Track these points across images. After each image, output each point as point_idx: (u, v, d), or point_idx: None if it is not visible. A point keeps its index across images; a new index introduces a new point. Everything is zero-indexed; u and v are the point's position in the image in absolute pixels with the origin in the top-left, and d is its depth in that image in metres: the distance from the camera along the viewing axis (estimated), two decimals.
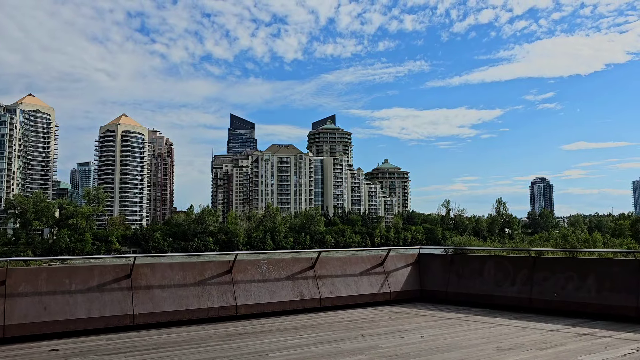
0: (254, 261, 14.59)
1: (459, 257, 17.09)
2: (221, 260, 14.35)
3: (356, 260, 15.95)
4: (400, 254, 17.39)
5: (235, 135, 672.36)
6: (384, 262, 16.38)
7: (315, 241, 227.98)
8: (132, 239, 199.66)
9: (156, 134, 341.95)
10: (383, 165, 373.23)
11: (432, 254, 18.41)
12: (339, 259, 15.74)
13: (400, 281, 16.50)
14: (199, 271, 13.78)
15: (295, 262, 15.07)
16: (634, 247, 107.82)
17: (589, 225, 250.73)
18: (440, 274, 16.71)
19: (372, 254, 16.86)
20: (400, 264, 16.75)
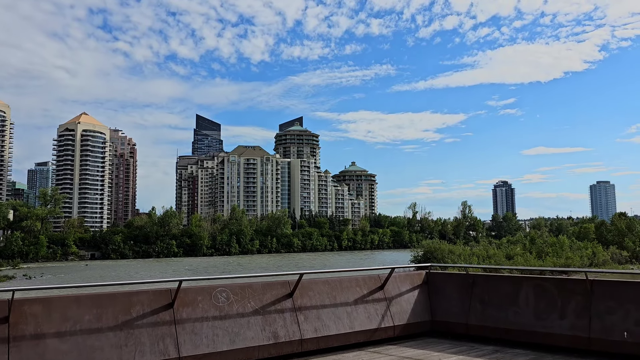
0: (207, 288, 10.24)
1: (483, 277, 13.07)
2: (158, 288, 9.89)
3: (349, 284, 12.13)
4: (403, 274, 13.56)
5: (201, 136, 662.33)
6: (384, 285, 12.55)
7: (281, 244, 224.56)
8: (91, 243, 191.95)
9: (118, 133, 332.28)
10: (350, 168, 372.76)
11: (445, 273, 14.40)
12: (326, 283, 11.81)
13: (406, 310, 12.75)
14: (124, 307, 9.26)
15: (266, 289, 10.94)
16: (598, 250, 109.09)
17: (550, 228, 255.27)
18: (457, 300, 12.91)
19: (368, 274, 12.92)
20: (405, 286, 12.98)
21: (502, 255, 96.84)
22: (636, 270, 32.72)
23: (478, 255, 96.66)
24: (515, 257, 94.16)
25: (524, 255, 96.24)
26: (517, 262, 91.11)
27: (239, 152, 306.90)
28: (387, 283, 12.62)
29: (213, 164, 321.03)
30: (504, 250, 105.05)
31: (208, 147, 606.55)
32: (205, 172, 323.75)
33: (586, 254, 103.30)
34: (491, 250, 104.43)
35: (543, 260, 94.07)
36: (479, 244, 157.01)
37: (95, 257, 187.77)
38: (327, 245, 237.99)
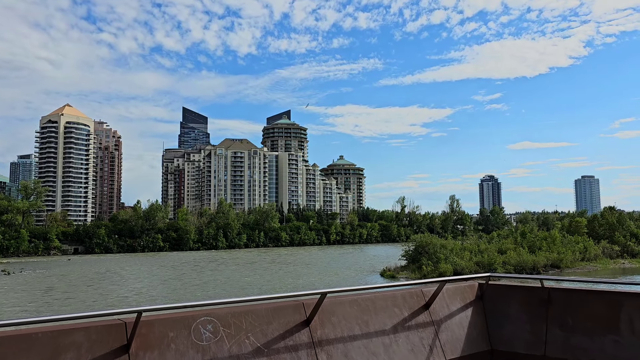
0: (185, 319, 6.77)
1: (564, 292, 9.51)
2: (107, 322, 6.26)
3: (384, 303, 8.81)
4: (450, 287, 9.92)
5: (188, 129, 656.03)
6: (430, 304, 9.33)
7: (269, 238, 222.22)
8: (74, 237, 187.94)
9: (103, 126, 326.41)
10: (338, 162, 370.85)
11: (506, 285, 10.53)
12: (354, 303, 8.41)
13: (459, 337, 9.51)
14: (51, 351, 5.66)
15: (273, 315, 7.53)
16: (590, 244, 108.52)
17: (537, 222, 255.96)
18: (526, 322, 9.56)
19: (407, 289, 9.48)
20: (455, 303, 9.76)
21: (494, 249, 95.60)
22: None
23: (470, 250, 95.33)
24: (508, 252, 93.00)
25: (516, 249, 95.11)
26: (509, 256, 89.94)
27: (226, 145, 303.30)
28: (434, 300, 9.37)
29: (200, 157, 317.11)
30: (496, 244, 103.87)
31: (195, 141, 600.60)
32: (191, 165, 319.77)
33: (578, 248, 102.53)
34: (482, 244, 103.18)
35: (536, 255, 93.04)
36: (467, 238, 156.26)
37: (79, 251, 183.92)
38: (315, 239, 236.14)
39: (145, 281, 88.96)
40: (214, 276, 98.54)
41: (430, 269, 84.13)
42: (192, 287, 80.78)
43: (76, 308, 55.82)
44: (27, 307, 55.90)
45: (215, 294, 70.96)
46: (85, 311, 5.90)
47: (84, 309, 54.12)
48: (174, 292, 75.43)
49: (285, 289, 75.09)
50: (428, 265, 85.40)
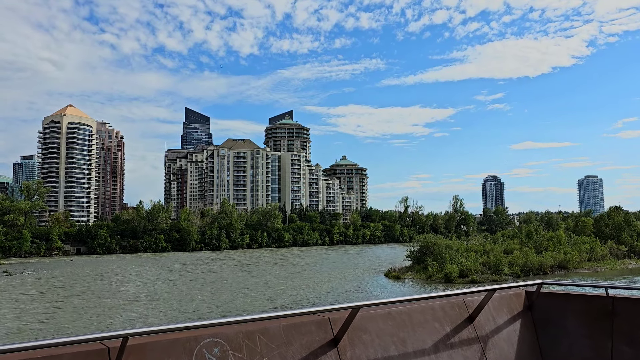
0: (186, 341, 5.36)
1: (634, 303, 8.05)
2: (89, 346, 4.88)
3: (423, 316, 7.38)
4: (494, 295, 8.41)
5: (190, 129, 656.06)
6: (475, 316, 7.97)
7: (272, 239, 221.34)
8: (77, 237, 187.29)
9: (105, 126, 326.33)
10: (341, 162, 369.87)
11: (560, 293, 8.97)
12: (388, 317, 7.03)
13: (508, 355, 8.09)
14: None
15: (293, 334, 6.17)
16: (596, 245, 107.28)
17: (541, 222, 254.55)
18: (586, 337, 8.12)
19: (448, 300, 8.00)
20: (501, 315, 8.38)
21: (499, 250, 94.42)
22: None
23: (475, 251, 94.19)
24: (514, 252, 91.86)
25: (522, 250, 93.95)
26: (516, 257, 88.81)
27: (229, 145, 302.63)
28: (480, 311, 7.99)
29: (202, 157, 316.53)
30: (501, 245, 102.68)
31: (197, 141, 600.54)
32: (194, 165, 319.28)
33: (584, 248, 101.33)
34: (487, 245, 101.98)
35: (542, 256, 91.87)
36: (470, 238, 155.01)
37: (81, 252, 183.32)
38: (319, 239, 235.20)
39: (145, 285, 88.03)
40: (217, 278, 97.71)
41: (435, 269, 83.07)
42: (193, 290, 79.84)
43: (58, 323, 54.88)
44: (6, 318, 55.06)
45: (219, 300, 69.89)
46: (59, 336, 4.39)
47: (70, 322, 53.06)
48: (175, 298, 74.45)
49: (288, 293, 74.10)
50: (434, 265, 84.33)
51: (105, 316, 54.50)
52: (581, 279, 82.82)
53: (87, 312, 57.33)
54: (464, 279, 78.65)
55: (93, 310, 58.71)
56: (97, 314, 56.02)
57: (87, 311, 58.32)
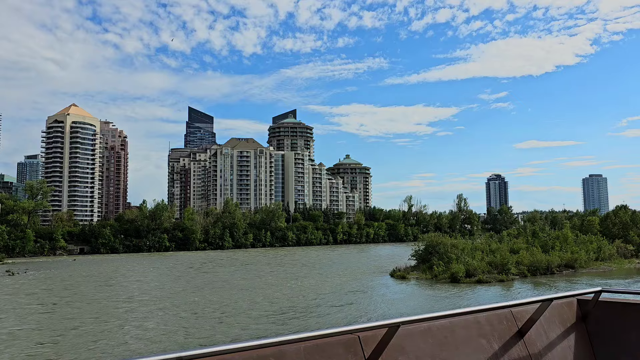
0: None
1: None
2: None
3: (467, 331, 6.25)
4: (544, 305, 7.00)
5: (194, 129, 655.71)
6: (526, 330, 6.75)
7: (276, 238, 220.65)
8: (80, 236, 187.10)
9: (109, 125, 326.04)
10: (345, 161, 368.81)
11: (620, 302, 7.57)
12: (427, 333, 5.88)
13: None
14: None
15: (318, 355, 4.84)
16: (604, 244, 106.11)
17: (546, 221, 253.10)
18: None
19: (493, 312, 6.62)
20: (553, 328, 7.12)
21: (506, 249, 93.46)
22: None
23: (481, 250, 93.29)
24: (521, 252, 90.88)
25: (528, 249, 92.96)
26: (522, 256, 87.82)
27: (232, 144, 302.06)
28: (533, 325, 6.74)
29: (206, 156, 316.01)
30: (507, 244, 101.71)
31: (201, 140, 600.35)
32: (197, 165, 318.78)
33: (592, 248, 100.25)
34: (493, 244, 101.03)
35: (549, 255, 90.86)
36: (475, 237, 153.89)
37: (85, 251, 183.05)
38: (322, 239, 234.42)
39: (152, 293, 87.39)
40: (222, 279, 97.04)
41: (441, 269, 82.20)
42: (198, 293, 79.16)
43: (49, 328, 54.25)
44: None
45: (216, 304, 69.12)
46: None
47: (62, 329, 52.52)
48: (173, 301, 73.77)
49: (290, 294, 73.22)
50: (439, 265, 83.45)
51: (100, 322, 53.91)
52: (590, 278, 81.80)
53: (77, 318, 56.74)
54: (471, 279, 77.75)
55: (87, 316, 58.12)
56: (91, 321, 55.42)
57: (78, 317, 57.76)
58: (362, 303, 61.69)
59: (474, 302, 60.57)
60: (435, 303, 61.21)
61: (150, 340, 42.60)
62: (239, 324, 48.87)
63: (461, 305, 59.13)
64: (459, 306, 47.84)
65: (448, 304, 59.94)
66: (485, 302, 52.10)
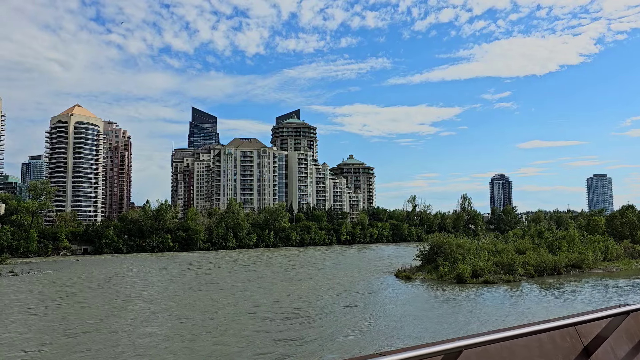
0: None
1: None
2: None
3: (527, 352, 5.25)
4: (604, 320, 5.98)
5: (197, 129, 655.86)
6: (593, 349, 5.80)
7: (279, 238, 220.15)
8: (84, 237, 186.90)
9: (112, 126, 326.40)
10: (348, 161, 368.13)
11: None
12: (484, 355, 4.82)
13: None
14: None
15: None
16: (611, 244, 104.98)
17: (551, 221, 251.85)
18: None
19: (558, 330, 5.49)
20: (621, 345, 6.09)
21: (512, 249, 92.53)
22: None
23: (487, 250, 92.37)
24: (527, 252, 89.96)
25: (535, 249, 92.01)
26: (529, 256, 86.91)
27: (236, 144, 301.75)
28: (599, 344, 5.86)
29: (209, 156, 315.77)
30: (513, 244, 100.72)
31: (204, 141, 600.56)
32: (201, 165, 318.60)
33: (599, 248, 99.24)
34: (499, 244, 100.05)
35: (556, 255, 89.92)
36: (480, 238, 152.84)
37: (88, 251, 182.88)
38: (326, 239, 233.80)
39: (151, 294, 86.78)
40: (224, 280, 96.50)
41: (447, 269, 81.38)
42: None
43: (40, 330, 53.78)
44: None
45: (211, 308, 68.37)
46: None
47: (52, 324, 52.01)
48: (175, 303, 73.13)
49: (294, 296, 72.52)
50: (445, 265, 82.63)
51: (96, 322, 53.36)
52: (598, 278, 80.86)
53: (67, 322, 56.25)
54: (477, 279, 76.90)
55: (78, 320, 57.60)
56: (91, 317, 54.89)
57: (70, 320, 57.27)
58: (368, 304, 60.96)
59: (485, 304, 59.78)
60: (442, 305, 60.43)
61: (141, 346, 42.02)
62: (238, 328, 48.22)
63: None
64: (516, 323, 46.75)
65: (455, 305, 59.16)
66: (548, 316, 51.07)
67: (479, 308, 56.49)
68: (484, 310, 54.96)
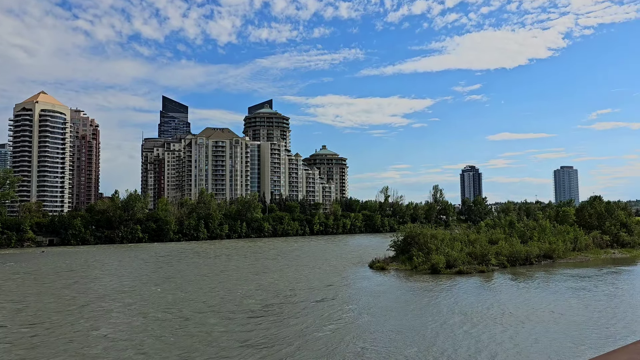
0: None
1: None
2: None
3: None
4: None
5: (168, 118, 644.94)
6: None
7: (252, 229, 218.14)
8: (49, 228, 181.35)
9: (80, 114, 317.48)
10: (321, 152, 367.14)
11: None
12: None
13: None
14: None
15: None
16: (580, 234, 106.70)
17: (520, 212, 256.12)
18: None
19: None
20: None
21: (484, 240, 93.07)
22: None
23: (460, 241, 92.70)
24: (499, 242, 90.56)
25: (507, 239, 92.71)
26: (502, 247, 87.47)
27: (207, 134, 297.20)
28: None
29: (180, 146, 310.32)
30: (485, 234, 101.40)
31: (175, 130, 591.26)
32: (172, 155, 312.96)
33: (569, 238, 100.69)
34: (472, 235, 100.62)
35: (528, 245, 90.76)
36: (451, 228, 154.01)
37: (54, 243, 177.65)
38: (299, 229, 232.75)
39: (114, 294, 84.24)
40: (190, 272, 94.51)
41: (421, 260, 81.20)
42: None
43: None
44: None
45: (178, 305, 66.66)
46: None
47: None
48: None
49: (265, 289, 71.27)
50: (419, 256, 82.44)
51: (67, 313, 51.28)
52: (567, 268, 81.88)
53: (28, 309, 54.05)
54: (451, 270, 76.94)
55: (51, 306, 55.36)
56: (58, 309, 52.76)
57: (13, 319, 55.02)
58: (344, 297, 60.08)
59: (463, 296, 59.50)
60: (419, 297, 60.03)
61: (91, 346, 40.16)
62: (206, 323, 46.71)
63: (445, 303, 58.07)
64: (499, 315, 45.42)
65: (435, 297, 58.82)
66: (530, 307, 50.15)
67: (461, 300, 56.08)
68: (465, 302, 54.56)
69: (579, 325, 42.83)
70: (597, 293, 59.58)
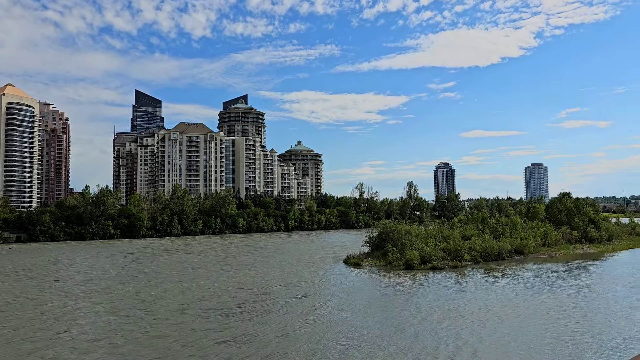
0: None
1: None
2: None
3: None
4: None
5: (141, 112, 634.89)
6: None
7: (226, 225, 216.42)
8: (17, 223, 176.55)
9: (49, 107, 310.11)
10: (296, 147, 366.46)
11: None
12: None
13: None
14: None
15: None
16: (550, 230, 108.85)
17: (492, 208, 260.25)
18: None
19: None
20: None
21: (458, 236, 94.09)
22: None
23: (434, 236, 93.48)
24: (472, 238, 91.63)
25: (480, 236, 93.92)
26: (475, 242, 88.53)
27: (181, 129, 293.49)
28: None
29: (153, 141, 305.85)
30: (458, 230, 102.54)
31: (148, 125, 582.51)
32: (145, 150, 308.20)
33: (539, 234, 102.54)
34: (445, 230, 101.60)
35: (500, 241, 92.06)
36: (425, 224, 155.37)
37: (22, 239, 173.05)
38: (274, 225, 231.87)
39: (81, 292, 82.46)
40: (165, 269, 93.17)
41: (395, 255, 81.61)
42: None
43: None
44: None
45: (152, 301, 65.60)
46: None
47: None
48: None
49: (239, 287, 70.72)
50: (394, 252, 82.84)
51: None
52: (538, 264, 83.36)
53: None
54: (425, 266, 77.51)
55: None
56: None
57: None
58: (318, 294, 59.87)
59: (438, 292, 59.91)
60: (394, 293, 60.24)
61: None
62: (181, 322, 46.02)
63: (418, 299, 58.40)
64: (477, 310, 45.57)
65: (413, 294, 59.10)
66: (509, 301, 50.26)
67: (439, 297, 56.41)
68: (443, 298, 54.91)
69: (557, 321, 43.38)
70: (567, 288, 60.75)
